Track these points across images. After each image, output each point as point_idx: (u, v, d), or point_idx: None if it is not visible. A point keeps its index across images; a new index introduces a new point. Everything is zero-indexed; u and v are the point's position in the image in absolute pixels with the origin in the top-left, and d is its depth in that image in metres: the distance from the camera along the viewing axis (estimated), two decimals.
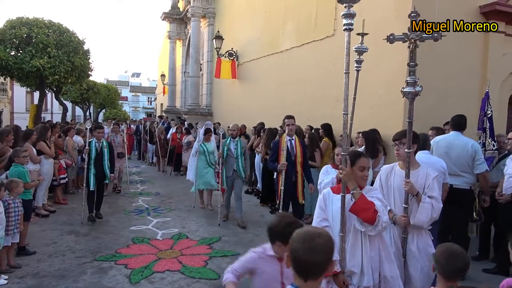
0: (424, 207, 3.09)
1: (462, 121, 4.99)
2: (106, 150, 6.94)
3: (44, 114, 26.86)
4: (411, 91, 3.03)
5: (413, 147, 3.16)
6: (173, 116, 19.37)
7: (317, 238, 1.56)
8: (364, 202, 2.61)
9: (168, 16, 20.38)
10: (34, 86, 15.81)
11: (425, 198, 3.11)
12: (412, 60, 2.97)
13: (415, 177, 3.19)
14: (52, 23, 14.90)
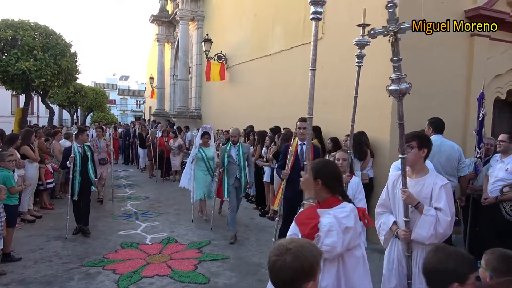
0: (426, 221, 2.69)
1: (442, 123, 5.07)
2: (89, 153, 6.55)
3: (30, 118, 26.47)
4: (397, 88, 2.63)
5: (422, 152, 2.83)
6: (161, 119, 19.29)
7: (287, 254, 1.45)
8: (307, 216, 2.24)
9: (156, 18, 20.30)
10: (19, 89, 15.59)
11: (429, 210, 2.71)
12: (395, 54, 2.60)
13: (420, 185, 2.83)
14: (38, 25, 14.74)
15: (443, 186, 2.73)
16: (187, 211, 8.00)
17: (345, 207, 2.33)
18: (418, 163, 2.87)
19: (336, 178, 2.45)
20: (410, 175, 2.88)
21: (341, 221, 2.21)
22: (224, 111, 13.37)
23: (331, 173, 2.43)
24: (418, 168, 2.88)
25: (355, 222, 2.27)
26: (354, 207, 2.37)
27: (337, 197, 2.41)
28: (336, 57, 7.37)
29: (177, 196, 9.59)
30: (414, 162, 2.86)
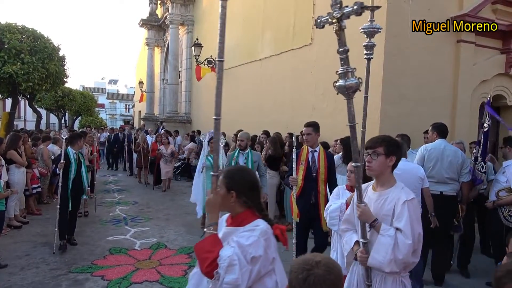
0: (382, 243, 2.27)
1: (446, 128, 5.12)
2: (83, 160, 6.21)
3: (17, 122, 26.10)
4: (342, 84, 2.20)
5: (390, 160, 2.40)
6: (150, 123, 19.18)
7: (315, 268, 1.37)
8: (204, 248, 1.89)
9: (146, 23, 20.25)
10: (6, 93, 15.36)
11: (388, 229, 2.28)
12: (341, 45, 2.23)
13: (382, 200, 2.39)
14: (25, 28, 14.56)
15: (407, 202, 2.28)
16: (176, 216, 7.95)
17: (255, 229, 1.92)
18: (383, 174, 2.42)
19: (254, 188, 2.08)
20: (374, 187, 2.50)
21: (246, 250, 1.84)
22: (213, 115, 13.36)
23: (248, 182, 2.06)
24: (384, 179, 2.43)
25: (266, 248, 1.89)
26: (267, 228, 1.96)
27: (253, 211, 2.04)
28: (325, 62, 7.44)
29: (166, 201, 9.53)
30: (379, 172, 2.42)
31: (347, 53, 2.23)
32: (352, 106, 2.25)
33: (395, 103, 6.20)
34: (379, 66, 6.15)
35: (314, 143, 4.57)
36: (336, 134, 6.35)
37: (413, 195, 2.38)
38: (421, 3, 6.26)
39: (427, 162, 4.81)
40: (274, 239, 1.98)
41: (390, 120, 6.14)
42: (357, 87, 2.19)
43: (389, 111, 6.15)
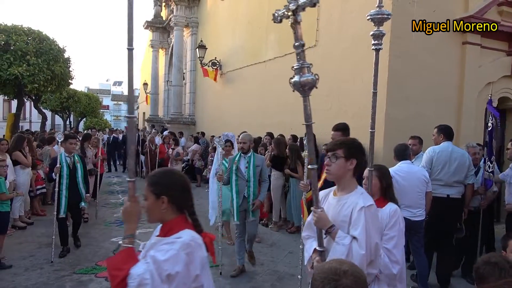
0: (335, 251, 2.11)
1: (452, 130, 5.08)
2: (79, 165, 5.77)
3: (22, 123, 26.26)
4: (297, 80, 2.05)
5: (350, 163, 2.24)
6: (155, 125, 19.22)
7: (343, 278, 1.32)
8: (116, 265, 1.68)
9: (151, 24, 20.32)
10: (12, 94, 15.46)
11: (344, 237, 2.12)
12: (297, 39, 2.07)
13: (340, 205, 2.25)
14: (31, 30, 14.66)
15: (364, 209, 2.12)
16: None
17: (175, 241, 1.71)
18: (343, 178, 2.27)
19: (185, 189, 1.90)
20: (336, 192, 2.36)
21: (161, 266, 1.62)
22: (218, 117, 13.37)
23: (179, 184, 1.88)
24: (344, 183, 2.28)
25: (188, 263, 1.68)
26: (191, 240, 1.74)
27: (184, 217, 1.88)
28: (329, 64, 7.43)
29: None
30: (338, 175, 2.27)
31: (303, 47, 2.06)
32: (309, 104, 2.09)
33: (400, 105, 6.17)
34: (384, 68, 6.12)
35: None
36: None
37: (371, 202, 2.19)
38: (426, 4, 6.23)
39: (435, 164, 4.76)
40: (202, 253, 1.77)
41: (395, 122, 6.11)
42: (313, 84, 2.03)
43: (393, 113, 6.12)
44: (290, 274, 5.00)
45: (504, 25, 6.80)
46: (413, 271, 5.05)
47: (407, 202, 4.32)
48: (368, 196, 2.26)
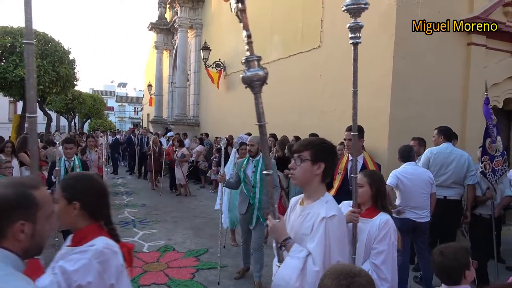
0: (287, 264, 1.87)
1: (452, 132, 5.08)
2: (78, 170, 5.36)
3: None
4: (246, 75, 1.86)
5: (317, 167, 1.98)
6: (159, 126, 19.29)
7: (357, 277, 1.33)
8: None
9: (155, 26, 20.40)
10: (17, 95, 15.59)
11: (299, 251, 1.87)
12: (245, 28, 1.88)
13: (303, 216, 2.01)
14: (37, 32, 14.78)
15: (325, 220, 1.87)
16: (184, 218, 7.97)
17: (87, 250, 1.58)
18: (310, 183, 2.02)
19: (102, 195, 1.77)
20: (303, 200, 2.12)
21: (71, 277, 1.49)
22: (222, 118, 13.39)
23: (95, 189, 1.73)
24: (311, 190, 2.03)
25: (102, 272, 1.55)
26: (105, 247, 1.62)
27: (99, 225, 1.74)
28: (334, 65, 7.42)
29: (174, 203, 9.56)
30: (303, 181, 2.02)
31: (251, 38, 1.89)
32: (260, 102, 1.91)
33: (404, 106, 6.14)
34: (388, 69, 6.11)
35: (357, 150, 3.90)
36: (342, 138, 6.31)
37: (334, 212, 1.91)
38: (431, 5, 6.21)
39: (432, 166, 4.77)
40: (117, 261, 1.65)
41: (399, 123, 6.09)
42: (264, 79, 1.85)
43: (398, 114, 6.09)
44: None
45: (510, 26, 6.76)
46: (417, 273, 5.03)
47: (413, 203, 4.32)
48: (333, 206, 1.97)
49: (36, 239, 1.30)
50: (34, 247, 1.31)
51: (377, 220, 2.45)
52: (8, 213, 1.23)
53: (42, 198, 1.31)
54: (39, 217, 1.29)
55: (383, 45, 6.22)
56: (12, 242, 1.25)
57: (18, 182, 1.31)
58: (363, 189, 2.54)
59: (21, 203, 1.26)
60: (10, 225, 1.23)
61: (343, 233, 1.96)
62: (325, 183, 2.07)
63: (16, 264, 1.25)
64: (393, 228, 2.43)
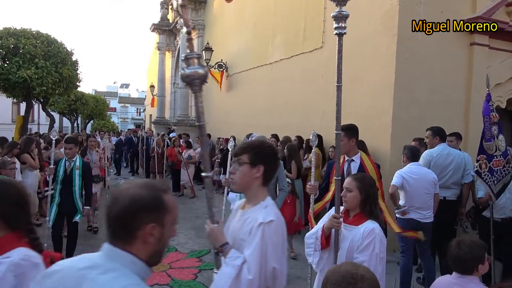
0: (222, 272, 1.80)
1: (444, 132, 5.11)
2: (78, 172, 5.04)
3: (31, 125, 26.50)
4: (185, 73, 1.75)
5: (257, 170, 1.92)
6: (161, 127, 19.31)
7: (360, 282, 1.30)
8: None
9: (157, 27, 20.43)
10: (20, 97, 15.67)
11: (236, 258, 1.78)
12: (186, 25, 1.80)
13: (242, 220, 1.94)
14: (40, 33, 14.85)
15: (263, 225, 1.78)
16: (186, 219, 7.98)
17: (2, 262, 1.45)
18: (249, 187, 1.95)
19: (21, 204, 1.64)
20: (244, 204, 2.06)
21: None
22: (224, 119, 13.40)
23: (13, 197, 1.61)
24: (251, 194, 1.97)
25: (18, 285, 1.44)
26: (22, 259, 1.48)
27: (18, 235, 1.63)
28: (335, 66, 7.39)
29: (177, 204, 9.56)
30: (243, 185, 1.96)
31: (191, 34, 1.82)
32: (200, 102, 1.82)
33: (407, 106, 6.13)
34: (390, 69, 6.09)
35: (349, 150, 3.62)
36: None
37: (272, 217, 1.82)
38: (434, 5, 6.19)
39: (433, 168, 4.75)
40: (37, 272, 1.53)
41: (402, 124, 6.07)
42: (203, 77, 1.76)
43: (401, 115, 6.08)
44: (296, 277, 4.99)
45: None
46: (420, 274, 5.01)
47: (418, 204, 4.33)
48: (273, 210, 1.88)
49: (161, 244, 1.28)
50: (158, 253, 1.28)
51: (362, 228, 2.33)
52: (142, 214, 1.20)
53: (170, 203, 1.30)
54: (166, 221, 1.27)
55: (385, 45, 6.21)
56: (139, 247, 1.21)
57: (152, 185, 1.30)
58: (352, 193, 2.43)
59: (154, 206, 1.24)
60: (142, 227, 1.20)
61: (280, 239, 1.85)
62: (267, 186, 1.99)
63: (142, 272, 1.21)
64: (380, 238, 2.29)
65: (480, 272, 2.34)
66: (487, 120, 4.36)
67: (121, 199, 1.21)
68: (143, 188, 1.25)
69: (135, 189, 1.24)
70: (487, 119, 4.37)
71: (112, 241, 1.21)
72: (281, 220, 1.90)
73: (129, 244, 1.20)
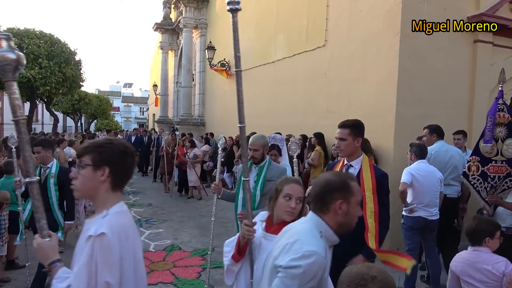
0: None
1: (442, 129, 5.12)
2: (52, 180, 4.18)
3: (35, 125, 26.63)
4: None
5: (102, 172, 1.65)
6: (164, 126, 19.34)
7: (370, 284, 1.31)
8: None
9: (160, 26, 20.46)
10: (24, 96, 15.75)
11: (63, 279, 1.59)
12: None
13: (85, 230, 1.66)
14: (43, 33, 14.92)
15: (92, 239, 1.52)
16: (190, 218, 7.99)
17: None
18: (96, 194, 1.68)
19: None
20: None
21: None
22: (227, 118, 13.41)
23: None
24: (98, 202, 1.70)
25: None
26: None
27: None
28: (338, 64, 7.40)
29: (180, 203, 9.60)
30: (86, 191, 1.71)
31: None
32: (14, 92, 1.58)
33: (410, 105, 6.11)
34: (393, 68, 6.08)
35: (352, 152, 2.94)
36: None
37: (104, 229, 1.52)
38: (437, 3, 6.16)
39: (432, 165, 4.75)
40: None
41: (405, 122, 6.06)
42: (16, 62, 1.55)
43: (404, 114, 6.07)
44: None
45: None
46: (423, 272, 5.01)
47: (425, 201, 4.35)
48: (110, 221, 1.57)
49: (348, 218, 1.73)
50: (345, 224, 1.73)
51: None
52: (333, 193, 1.71)
53: (355, 188, 1.75)
54: (352, 201, 1.72)
55: (388, 43, 6.19)
56: (331, 217, 1.72)
57: (341, 174, 1.93)
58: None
59: (342, 187, 1.72)
60: (333, 202, 1.70)
61: (115, 255, 1.53)
62: (119, 191, 1.72)
63: (326, 233, 1.70)
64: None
65: (489, 245, 2.73)
66: (490, 120, 3.93)
67: (319, 182, 1.78)
68: (334, 176, 1.80)
69: (329, 176, 1.81)
70: (491, 119, 3.93)
71: (314, 210, 1.76)
72: (119, 231, 1.57)
73: (323, 214, 1.73)
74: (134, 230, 1.70)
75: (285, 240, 1.70)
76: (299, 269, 1.55)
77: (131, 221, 1.72)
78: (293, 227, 1.78)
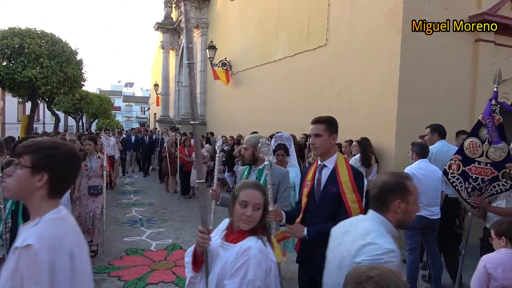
0: None
1: (444, 129, 5.10)
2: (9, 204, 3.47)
3: (36, 125, 26.69)
4: None
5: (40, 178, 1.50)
6: (166, 126, 19.35)
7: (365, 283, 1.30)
8: None
9: (161, 26, 20.46)
10: (26, 96, 15.80)
11: None
12: None
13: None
14: (44, 33, 14.92)
15: (18, 250, 1.38)
16: (191, 217, 7.99)
17: None
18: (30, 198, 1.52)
19: None
20: None
21: None
22: (228, 117, 13.41)
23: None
24: (33, 207, 1.54)
25: None
26: None
27: None
28: (340, 63, 7.39)
29: (181, 202, 9.60)
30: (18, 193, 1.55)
31: None
32: None
33: (412, 104, 6.10)
34: (395, 67, 6.07)
35: (327, 150, 2.73)
36: (351, 136, 6.29)
37: (31, 241, 1.37)
38: (439, 2, 6.15)
39: (433, 164, 4.74)
40: None
41: (407, 121, 6.05)
42: None
43: (405, 112, 6.06)
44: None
45: None
46: (425, 272, 5.00)
47: (427, 200, 4.33)
48: (38, 230, 1.43)
49: (407, 215, 1.86)
50: (405, 221, 1.87)
51: (237, 247, 1.85)
52: (391, 193, 1.84)
53: (412, 187, 1.86)
54: (410, 200, 1.84)
55: (390, 42, 6.18)
56: (391, 215, 1.85)
57: (397, 174, 1.97)
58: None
59: (399, 188, 1.84)
60: (392, 202, 1.83)
61: (42, 266, 1.37)
62: (57, 198, 1.57)
63: (390, 229, 1.84)
64: (257, 260, 1.79)
65: (494, 244, 2.80)
66: (490, 120, 3.76)
67: (377, 184, 1.89)
68: (390, 177, 1.90)
69: (386, 177, 1.92)
70: (489, 120, 3.77)
71: (374, 210, 1.89)
72: (50, 242, 1.41)
73: (384, 212, 1.86)
74: (72, 239, 1.50)
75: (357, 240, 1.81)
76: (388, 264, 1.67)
77: (70, 228, 1.53)
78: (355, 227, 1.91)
